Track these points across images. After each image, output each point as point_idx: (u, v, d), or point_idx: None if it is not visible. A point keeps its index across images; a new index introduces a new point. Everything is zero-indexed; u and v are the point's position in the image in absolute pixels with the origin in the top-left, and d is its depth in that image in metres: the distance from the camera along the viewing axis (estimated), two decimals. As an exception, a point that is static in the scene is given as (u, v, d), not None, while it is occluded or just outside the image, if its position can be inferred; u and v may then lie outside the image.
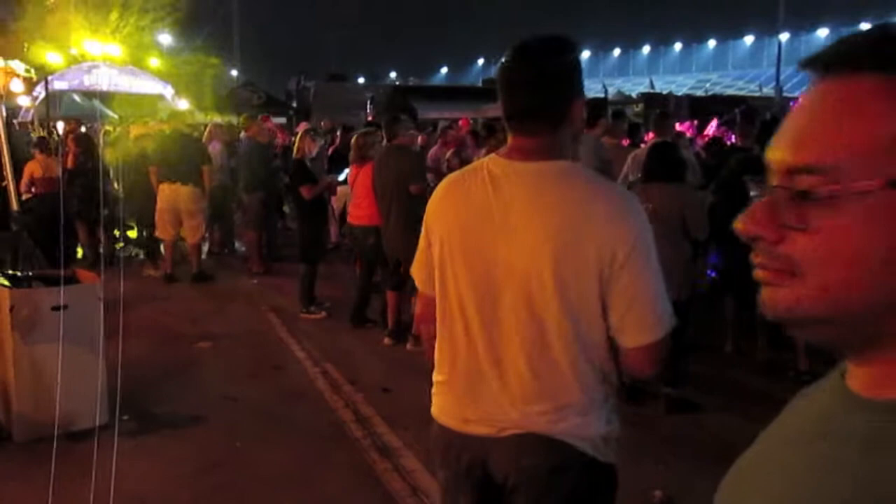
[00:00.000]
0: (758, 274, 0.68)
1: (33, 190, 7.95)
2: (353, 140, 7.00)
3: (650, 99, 20.71)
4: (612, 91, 29.91)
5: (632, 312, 1.65)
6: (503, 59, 1.74)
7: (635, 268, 1.63)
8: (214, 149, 9.48)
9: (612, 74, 77.54)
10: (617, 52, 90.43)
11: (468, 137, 9.10)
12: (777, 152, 0.65)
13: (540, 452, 1.71)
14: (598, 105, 5.55)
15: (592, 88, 44.91)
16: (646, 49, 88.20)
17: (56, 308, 4.05)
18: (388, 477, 3.77)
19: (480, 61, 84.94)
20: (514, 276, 1.67)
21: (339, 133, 9.22)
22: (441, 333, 1.84)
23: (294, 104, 23.50)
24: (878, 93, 0.59)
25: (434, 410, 1.87)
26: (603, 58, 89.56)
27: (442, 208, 1.83)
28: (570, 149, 1.76)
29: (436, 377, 1.87)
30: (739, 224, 0.67)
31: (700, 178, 5.83)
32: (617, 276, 1.62)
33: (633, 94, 25.78)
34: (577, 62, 1.76)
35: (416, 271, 1.94)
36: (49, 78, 17.33)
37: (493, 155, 1.82)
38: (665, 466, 3.97)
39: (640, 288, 1.65)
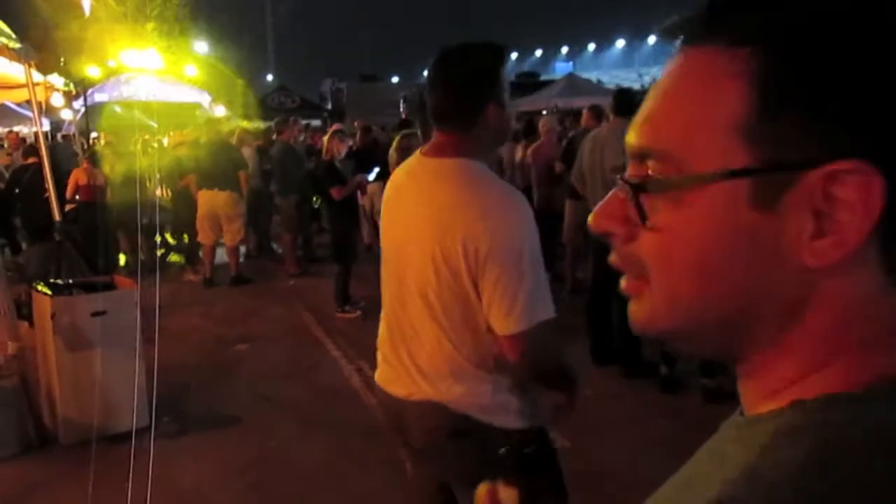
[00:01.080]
0: (621, 283, 0.60)
1: (77, 198, 8.16)
2: (395, 142, 7.10)
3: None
4: (647, 80, 29.52)
5: (495, 304, 1.75)
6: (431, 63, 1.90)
7: (497, 263, 1.73)
8: (246, 154, 9.64)
9: (647, 63, 76.60)
10: (652, 39, 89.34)
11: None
12: (629, 134, 0.57)
13: (440, 417, 1.87)
14: (628, 94, 5.49)
15: (627, 78, 44.47)
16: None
17: (96, 314, 4.16)
18: (421, 473, 3.80)
19: (514, 55, 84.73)
20: (411, 264, 1.87)
21: (357, 135, 9.28)
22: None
23: (328, 106, 23.71)
24: (717, 66, 0.50)
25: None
26: (638, 46, 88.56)
27: (384, 200, 2.05)
28: (488, 149, 1.93)
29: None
30: (591, 218, 0.58)
31: None
32: (482, 269, 1.74)
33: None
34: (493, 70, 1.85)
35: None
36: (89, 91, 17.80)
37: (418, 151, 1.98)
38: (701, 457, 3.93)
39: (503, 282, 1.73)
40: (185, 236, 8.98)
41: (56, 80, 8.07)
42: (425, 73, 1.97)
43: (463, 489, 1.90)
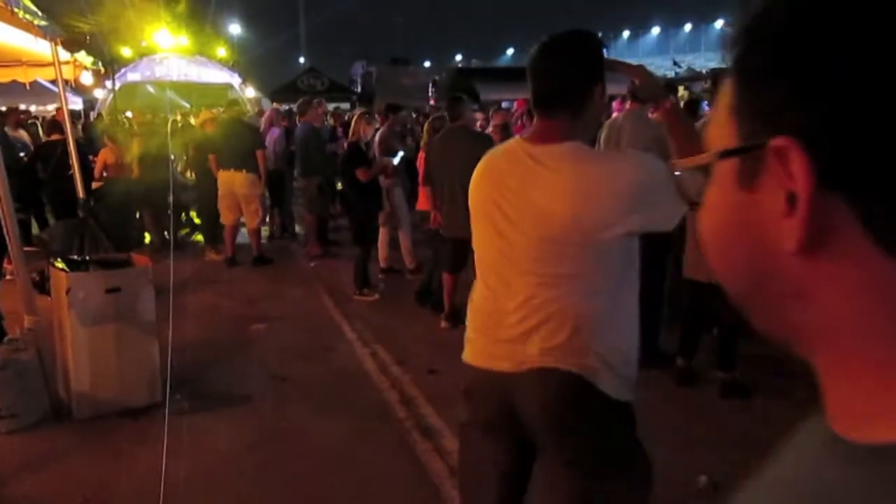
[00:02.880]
0: None
1: (105, 175, 8.24)
2: (426, 124, 7.11)
3: (719, 75, 20.04)
4: (682, 68, 29.08)
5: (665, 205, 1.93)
6: (531, 52, 1.98)
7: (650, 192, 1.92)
8: (273, 135, 9.65)
9: (683, 50, 75.47)
10: (688, 27, 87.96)
11: (522, 117, 9.00)
12: None
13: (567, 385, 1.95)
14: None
15: (662, 66, 43.85)
16: (719, 24, 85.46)
17: (110, 290, 4.19)
18: (428, 457, 3.79)
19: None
20: (525, 242, 1.98)
21: (379, 117, 9.26)
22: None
23: (357, 89, 23.70)
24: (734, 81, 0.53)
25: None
26: (673, 34, 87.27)
27: (474, 185, 2.13)
28: (588, 132, 2.06)
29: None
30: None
31: None
32: (638, 205, 1.93)
33: (704, 71, 24.97)
34: (598, 55, 1.97)
35: None
36: (122, 70, 17.98)
37: (519, 138, 2.09)
38: (714, 452, 3.86)
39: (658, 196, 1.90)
40: (208, 215, 9.03)
41: (85, 58, 8.14)
42: (458, 57, 2.02)
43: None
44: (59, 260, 4.46)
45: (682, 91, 11.69)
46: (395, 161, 7.76)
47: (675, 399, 4.56)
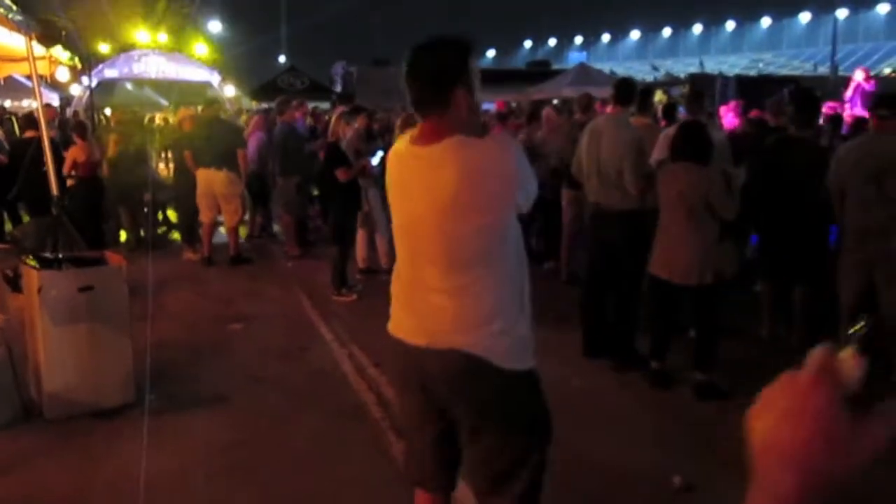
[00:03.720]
0: None
1: (73, 174, 8.12)
2: (400, 119, 7.09)
3: (697, 80, 20.22)
4: (660, 72, 29.30)
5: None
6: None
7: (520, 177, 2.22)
8: (259, 138, 9.56)
9: (662, 55, 76.00)
10: (667, 31, 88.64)
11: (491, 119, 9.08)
12: None
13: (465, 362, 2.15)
14: (628, 83, 5.43)
15: (641, 70, 44.17)
16: (697, 28, 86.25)
17: (83, 289, 4.14)
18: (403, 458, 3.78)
19: (528, 44, 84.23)
20: (428, 234, 2.17)
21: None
22: None
23: (338, 89, 23.62)
24: None
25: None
26: (652, 38, 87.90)
27: (388, 183, 2.33)
28: (472, 128, 2.14)
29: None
30: None
31: (729, 160, 5.64)
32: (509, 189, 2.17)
33: (682, 75, 25.18)
34: (454, 58, 2.12)
35: None
36: (99, 66, 17.78)
37: (406, 139, 2.26)
38: (688, 453, 3.89)
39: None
40: (185, 214, 8.95)
41: (61, 54, 8.03)
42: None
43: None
44: (31, 258, 4.40)
45: (659, 95, 11.78)
46: (375, 161, 7.74)
47: (650, 401, 4.59)
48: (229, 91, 21.12)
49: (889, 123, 4.62)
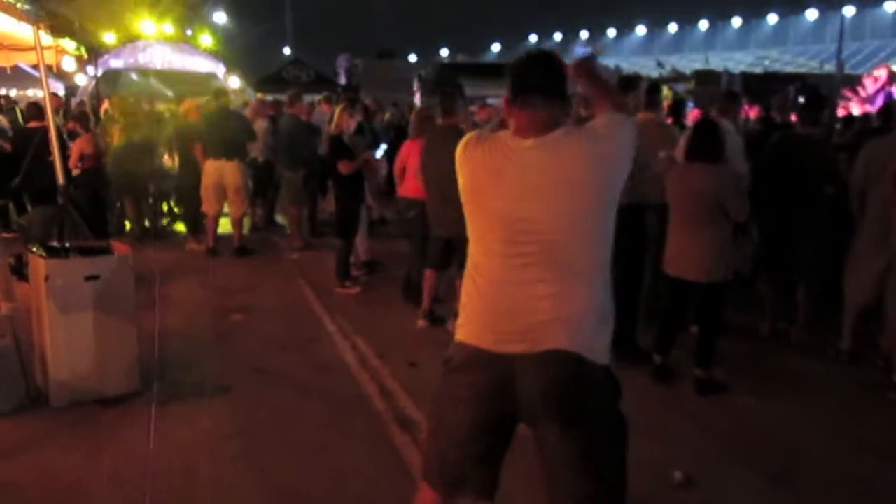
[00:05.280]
0: None
1: (80, 165, 8.14)
2: (414, 113, 7.11)
3: (702, 76, 20.21)
4: (666, 68, 29.21)
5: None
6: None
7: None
8: (260, 126, 9.59)
9: (667, 51, 75.75)
10: (673, 27, 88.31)
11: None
12: None
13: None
14: (630, 80, 5.43)
15: (646, 66, 44.03)
16: (703, 25, 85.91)
17: (89, 278, 4.16)
18: (406, 450, 3.80)
19: (533, 37, 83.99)
20: (536, 225, 2.13)
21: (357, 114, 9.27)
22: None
23: (342, 81, 23.59)
24: None
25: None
26: (658, 34, 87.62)
27: (474, 179, 2.28)
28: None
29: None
30: None
31: (744, 158, 5.60)
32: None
33: (688, 72, 25.14)
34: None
35: None
36: (105, 57, 17.78)
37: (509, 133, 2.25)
38: (688, 448, 3.91)
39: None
40: (189, 205, 8.97)
41: (68, 44, 8.03)
42: (443, 51, 2.14)
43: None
44: (37, 246, 4.43)
45: (665, 91, 11.75)
46: (378, 154, 7.76)
47: (652, 395, 4.61)
48: (234, 82, 21.10)
49: None
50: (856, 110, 10.97)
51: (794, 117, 6.26)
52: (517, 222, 2.14)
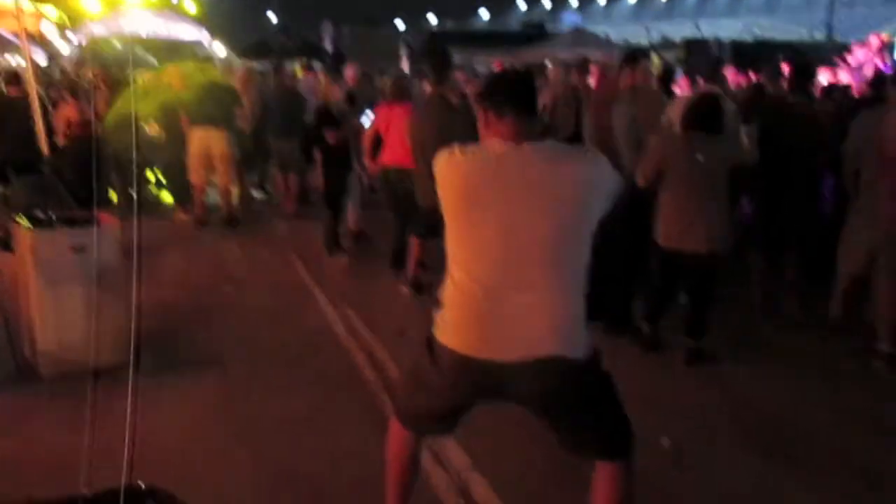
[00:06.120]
0: None
1: (67, 133, 8.02)
2: (392, 80, 7.05)
3: (692, 44, 20.06)
4: (655, 36, 29.03)
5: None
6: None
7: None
8: (247, 95, 9.45)
9: (658, 18, 75.14)
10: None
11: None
12: None
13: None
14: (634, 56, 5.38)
15: (636, 34, 43.72)
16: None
17: (76, 249, 4.12)
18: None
19: (522, 5, 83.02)
20: (532, 230, 2.21)
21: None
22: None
23: (329, 49, 23.32)
24: None
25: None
26: (648, 1, 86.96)
27: (468, 182, 2.33)
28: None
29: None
30: None
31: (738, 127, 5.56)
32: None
33: (677, 40, 24.98)
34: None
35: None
36: (87, 24, 17.47)
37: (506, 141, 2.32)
38: (677, 417, 3.94)
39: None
40: (176, 175, 8.88)
41: (50, 10, 7.86)
42: (431, 17, 2.18)
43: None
44: (23, 217, 4.37)
45: (655, 59, 11.65)
46: (366, 122, 7.69)
47: (641, 365, 4.63)
48: (219, 50, 20.80)
49: None
50: (844, 79, 10.92)
51: (784, 86, 6.19)
52: (513, 227, 2.18)
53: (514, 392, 2.29)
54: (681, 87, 8.10)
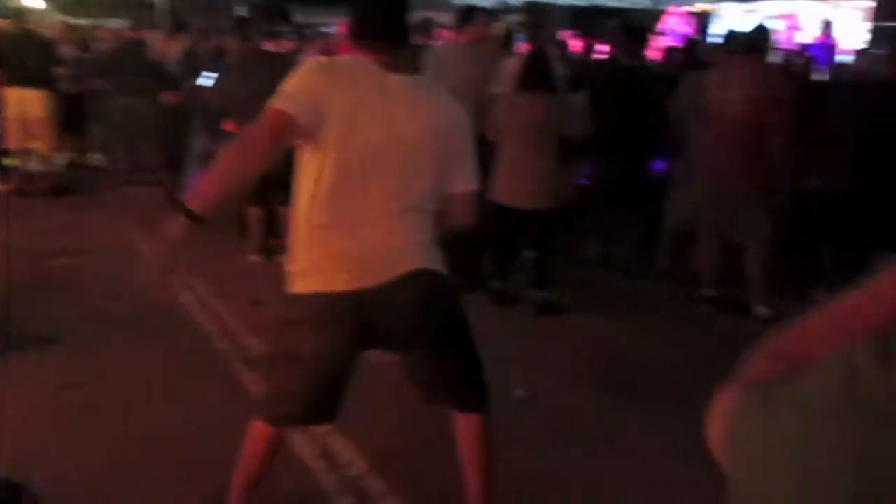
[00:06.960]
0: None
1: None
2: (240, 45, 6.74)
3: (531, 9, 20.58)
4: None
5: (465, 166, 2.42)
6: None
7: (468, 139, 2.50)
8: (67, 52, 8.72)
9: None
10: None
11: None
12: None
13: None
14: (470, 12, 5.44)
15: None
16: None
17: None
18: (256, 387, 3.74)
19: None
20: (399, 159, 2.26)
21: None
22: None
23: (151, 2, 21.84)
24: None
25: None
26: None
27: (344, 110, 2.21)
28: None
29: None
30: None
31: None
32: (461, 142, 2.46)
33: (517, 3, 25.48)
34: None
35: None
36: None
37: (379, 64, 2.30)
38: (530, 368, 4.13)
39: (469, 152, 2.49)
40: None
41: None
42: None
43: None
44: None
45: (519, 17, 11.87)
46: (205, 83, 7.33)
47: (492, 319, 4.79)
48: (37, 1, 18.97)
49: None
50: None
51: (614, 50, 6.49)
52: (382, 157, 2.21)
53: (386, 319, 2.29)
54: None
